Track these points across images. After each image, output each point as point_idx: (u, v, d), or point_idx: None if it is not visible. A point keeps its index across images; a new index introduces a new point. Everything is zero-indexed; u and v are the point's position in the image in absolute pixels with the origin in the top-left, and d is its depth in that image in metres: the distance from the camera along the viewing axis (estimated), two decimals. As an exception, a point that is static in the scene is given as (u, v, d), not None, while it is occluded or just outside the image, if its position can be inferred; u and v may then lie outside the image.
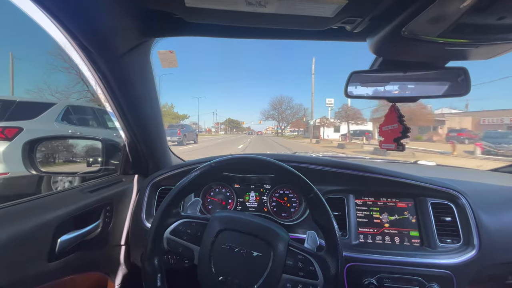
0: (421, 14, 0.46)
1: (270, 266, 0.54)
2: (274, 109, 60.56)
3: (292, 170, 0.61)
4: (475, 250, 0.74)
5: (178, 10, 0.56)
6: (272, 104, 60.79)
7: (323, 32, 0.67)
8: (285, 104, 59.62)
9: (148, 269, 0.58)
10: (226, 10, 0.53)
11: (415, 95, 0.76)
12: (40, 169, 0.94)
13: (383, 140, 0.80)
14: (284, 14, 0.55)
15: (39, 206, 0.65)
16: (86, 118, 4.19)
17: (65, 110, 3.53)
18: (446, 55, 0.62)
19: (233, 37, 0.70)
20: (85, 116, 4.18)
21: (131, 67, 0.71)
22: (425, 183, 0.82)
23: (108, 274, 0.87)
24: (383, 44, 0.60)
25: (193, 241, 0.59)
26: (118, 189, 0.91)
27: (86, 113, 4.24)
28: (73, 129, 3.53)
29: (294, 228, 0.87)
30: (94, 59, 0.63)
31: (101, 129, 4.29)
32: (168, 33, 0.69)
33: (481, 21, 0.47)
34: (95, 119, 4.30)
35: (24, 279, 0.57)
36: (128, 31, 0.62)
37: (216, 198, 1.00)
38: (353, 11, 0.54)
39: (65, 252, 0.66)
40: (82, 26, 0.54)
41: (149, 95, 0.84)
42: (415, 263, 0.73)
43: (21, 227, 0.56)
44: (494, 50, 0.56)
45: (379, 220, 0.85)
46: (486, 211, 0.79)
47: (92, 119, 4.29)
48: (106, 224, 0.83)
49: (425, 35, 0.52)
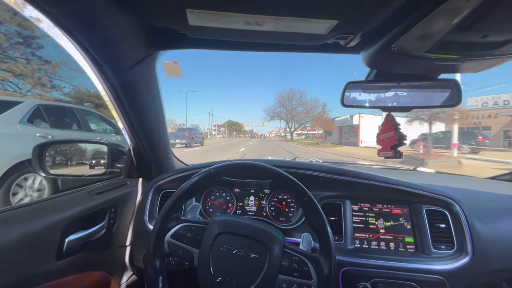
0: (409, 32, 0.50)
1: (266, 267, 0.57)
2: (282, 106, 45.02)
3: (286, 175, 0.63)
4: (468, 257, 0.75)
5: (182, 27, 0.61)
6: (279, 100, 45.30)
7: (319, 46, 0.70)
8: (296, 100, 43.43)
9: (150, 272, 0.61)
10: (226, 28, 0.57)
11: (409, 105, 0.78)
12: (49, 172, 0.98)
13: (380, 148, 0.83)
14: (280, 31, 0.58)
15: (48, 207, 0.68)
16: (64, 120, 3.59)
17: (34, 110, 2.99)
18: (436, 68, 0.65)
19: (233, 50, 0.73)
20: (63, 117, 3.58)
21: (137, 77, 0.75)
22: (420, 190, 0.84)
23: (111, 274, 0.90)
24: (375, 58, 0.63)
25: (193, 244, 0.62)
26: (122, 192, 0.94)
27: (63, 114, 3.62)
28: (43, 133, 2.94)
29: (291, 232, 0.90)
30: (104, 71, 0.67)
31: (82, 132, 3.66)
32: (172, 46, 0.73)
33: (466, 38, 0.50)
34: (75, 121, 3.68)
35: (34, 276, 0.60)
36: (135, 45, 0.66)
37: (216, 202, 1.02)
38: (345, 28, 0.58)
39: (72, 252, 0.69)
40: (94, 41, 0.59)
41: (154, 102, 0.88)
42: (410, 269, 0.75)
43: (31, 227, 0.60)
44: (482, 64, 0.59)
45: (375, 226, 0.87)
46: (481, 219, 0.81)
47: (71, 121, 3.67)
48: (111, 226, 0.86)
49: (414, 51, 0.55)
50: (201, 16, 0.52)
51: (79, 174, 1.09)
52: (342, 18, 0.53)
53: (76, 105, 4.08)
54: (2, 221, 0.58)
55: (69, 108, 3.84)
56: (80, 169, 1.34)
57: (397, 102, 0.80)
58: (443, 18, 0.45)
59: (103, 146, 1.07)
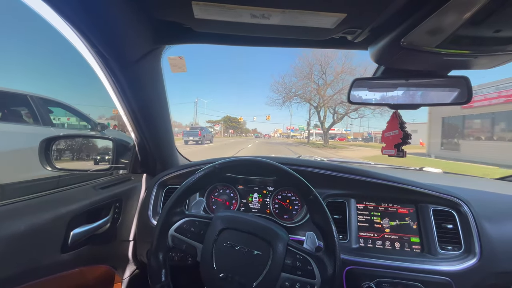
0: (419, 26, 0.48)
1: (269, 265, 0.56)
2: (305, 79, 25.05)
3: (292, 173, 0.63)
4: (476, 258, 0.73)
5: (187, 21, 0.60)
6: (300, 72, 25.20)
7: (326, 41, 0.69)
8: (332, 67, 24.12)
9: (153, 264, 0.61)
10: (232, 21, 0.57)
11: (417, 103, 0.77)
12: (55, 166, 0.99)
13: (384, 146, 0.82)
14: (287, 25, 0.57)
15: (55, 200, 0.69)
16: (14, 110, 2.76)
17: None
18: (446, 64, 0.63)
19: (238, 45, 0.73)
20: (12, 107, 2.74)
21: (143, 72, 0.75)
22: (427, 189, 0.83)
23: (115, 267, 0.91)
24: (384, 53, 0.62)
25: (196, 239, 0.62)
26: (127, 187, 0.95)
27: (13, 103, 2.74)
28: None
29: (295, 230, 0.89)
30: (110, 65, 0.67)
31: (38, 127, 2.74)
32: (177, 41, 0.73)
33: (478, 33, 0.48)
34: (30, 112, 2.79)
35: (39, 268, 0.61)
36: (141, 39, 0.66)
37: (220, 198, 1.02)
38: (353, 22, 0.57)
39: (77, 245, 0.70)
40: (100, 35, 0.59)
41: (158, 98, 0.88)
42: (415, 269, 0.74)
43: (38, 219, 0.61)
44: (494, 60, 0.57)
45: (380, 225, 0.86)
46: (489, 219, 0.79)
47: (24, 112, 2.80)
48: (115, 220, 0.87)
49: (424, 46, 0.54)
50: (206, 9, 0.52)
51: (85, 168, 1.10)
52: (350, 12, 0.52)
53: (32, 93, 2.84)
54: (11, 212, 0.59)
55: (22, 96, 2.76)
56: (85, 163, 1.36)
57: (405, 99, 0.78)
58: (455, 12, 0.44)
59: (108, 141, 1.08)
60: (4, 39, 6.77)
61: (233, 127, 79.75)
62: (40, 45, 10.24)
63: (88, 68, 0.68)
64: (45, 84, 21.16)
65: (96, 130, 3.56)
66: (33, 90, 2.89)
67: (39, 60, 9.28)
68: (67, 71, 17.47)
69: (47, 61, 25.07)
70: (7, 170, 2.30)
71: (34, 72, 8.52)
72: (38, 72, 10.87)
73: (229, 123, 78.62)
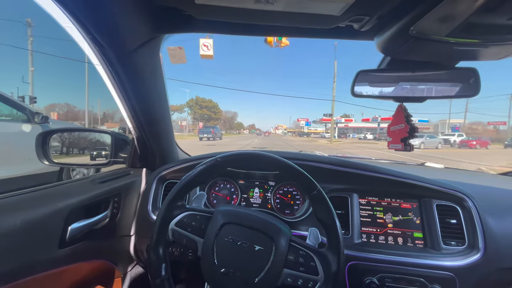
0: (430, 13, 0.46)
1: (271, 260, 0.55)
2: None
3: (296, 167, 0.61)
4: (480, 254, 0.73)
5: (188, 7, 0.58)
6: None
7: (331, 30, 0.67)
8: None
9: (154, 258, 0.60)
10: (234, 7, 0.54)
11: (423, 96, 0.75)
12: (53, 160, 0.97)
13: (390, 141, 0.80)
14: (291, 12, 0.55)
15: (52, 194, 0.67)
16: None
17: None
18: (455, 55, 0.61)
19: (241, 34, 0.70)
20: None
21: (141, 62, 0.73)
22: (431, 184, 0.82)
23: (115, 263, 0.90)
24: (391, 43, 0.60)
25: (197, 233, 0.61)
26: (126, 182, 0.93)
27: None
28: None
29: (296, 225, 0.88)
30: (106, 54, 0.65)
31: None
32: (177, 29, 0.70)
33: (491, 21, 0.46)
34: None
35: (36, 263, 0.59)
36: (139, 27, 0.64)
37: (221, 193, 1.01)
38: (361, 9, 0.54)
39: (75, 240, 0.68)
40: (96, 22, 0.56)
41: (158, 90, 0.86)
42: (418, 264, 0.73)
43: (34, 214, 0.59)
44: (504, 50, 0.55)
45: (383, 220, 0.85)
46: (493, 215, 0.78)
47: None
48: (114, 215, 0.86)
49: (433, 34, 0.52)
50: None
51: (83, 163, 1.08)
52: None
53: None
54: (6, 206, 0.57)
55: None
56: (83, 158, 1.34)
57: (411, 92, 0.76)
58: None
59: (106, 135, 1.06)
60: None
61: (206, 117, 45.96)
62: (34, 33, 9.93)
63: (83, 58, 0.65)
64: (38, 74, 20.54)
65: (33, 122, 2.91)
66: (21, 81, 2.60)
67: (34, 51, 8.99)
68: (61, 61, 16.83)
69: (40, 49, 24.31)
70: None
71: (24, 63, 8.21)
72: (30, 63, 10.48)
73: (196, 109, 46.65)
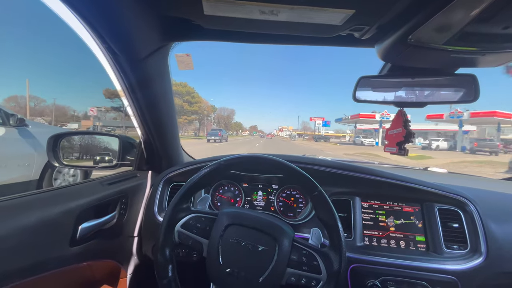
0: (427, 22, 0.48)
1: (275, 260, 0.56)
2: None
3: (297, 169, 0.63)
4: (482, 258, 0.73)
5: (196, 17, 0.61)
6: None
7: (333, 39, 0.69)
8: None
9: (160, 259, 0.61)
10: (241, 18, 0.58)
11: (423, 101, 0.77)
12: (63, 162, 1.00)
13: (387, 144, 0.81)
14: (294, 22, 0.58)
15: (64, 195, 0.70)
16: None
17: None
18: (454, 62, 0.63)
19: (246, 42, 0.74)
20: None
21: (151, 68, 0.76)
22: (433, 188, 0.82)
23: (121, 263, 0.92)
24: (391, 50, 0.62)
25: (202, 234, 0.62)
26: (133, 184, 0.96)
27: None
28: None
29: (299, 227, 0.89)
30: (119, 61, 0.68)
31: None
32: (186, 38, 0.73)
33: (487, 30, 0.48)
34: None
35: (49, 260, 0.62)
36: (151, 35, 0.67)
37: (225, 195, 1.03)
38: (361, 19, 0.57)
39: (84, 239, 0.71)
40: (111, 31, 0.60)
41: (165, 95, 0.89)
42: (420, 268, 0.73)
43: (48, 213, 0.62)
44: (502, 58, 0.57)
45: (385, 224, 0.86)
46: (496, 219, 0.78)
47: None
48: (121, 216, 0.88)
49: (431, 43, 0.54)
50: (216, 5, 0.53)
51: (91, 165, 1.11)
52: (358, 8, 0.52)
53: None
54: (24, 204, 0.60)
55: None
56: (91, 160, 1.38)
57: (411, 97, 0.78)
58: (463, 8, 0.44)
59: (114, 138, 1.09)
60: (14, 32, 6.74)
61: (183, 112, 36.54)
62: (51, 40, 10.17)
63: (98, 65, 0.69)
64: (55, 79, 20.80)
65: (8, 125, 2.70)
66: (39, 87, 2.64)
67: (50, 56, 9.20)
68: (77, 66, 16.90)
69: (58, 56, 24.49)
70: None
71: (45, 69, 8.36)
72: (50, 69, 10.61)
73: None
